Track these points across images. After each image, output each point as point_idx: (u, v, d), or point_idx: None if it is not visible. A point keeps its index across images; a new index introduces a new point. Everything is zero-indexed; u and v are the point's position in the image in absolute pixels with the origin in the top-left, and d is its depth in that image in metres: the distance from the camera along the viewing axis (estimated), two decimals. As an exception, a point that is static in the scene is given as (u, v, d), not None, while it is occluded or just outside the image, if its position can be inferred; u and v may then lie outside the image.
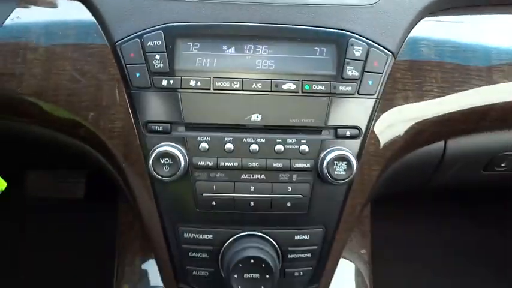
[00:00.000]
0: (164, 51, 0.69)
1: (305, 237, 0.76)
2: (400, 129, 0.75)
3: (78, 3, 0.73)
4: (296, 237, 0.76)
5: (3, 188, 0.84)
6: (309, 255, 0.77)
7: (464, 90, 0.76)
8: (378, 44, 0.72)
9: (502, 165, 0.93)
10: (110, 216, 1.12)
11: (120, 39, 0.69)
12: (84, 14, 0.72)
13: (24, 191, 1.57)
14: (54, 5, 0.75)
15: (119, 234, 1.00)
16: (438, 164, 0.88)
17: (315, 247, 0.77)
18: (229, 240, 0.74)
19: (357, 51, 0.70)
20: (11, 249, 1.59)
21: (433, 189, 1.09)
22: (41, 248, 1.57)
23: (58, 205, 1.63)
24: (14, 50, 0.71)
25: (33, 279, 1.53)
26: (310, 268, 0.79)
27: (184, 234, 0.75)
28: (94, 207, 1.57)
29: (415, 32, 0.76)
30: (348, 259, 0.99)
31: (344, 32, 0.71)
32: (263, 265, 0.69)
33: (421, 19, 0.77)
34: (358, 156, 0.73)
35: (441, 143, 0.85)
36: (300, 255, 0.77)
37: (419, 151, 0.84)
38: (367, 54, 0.71)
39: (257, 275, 0.70)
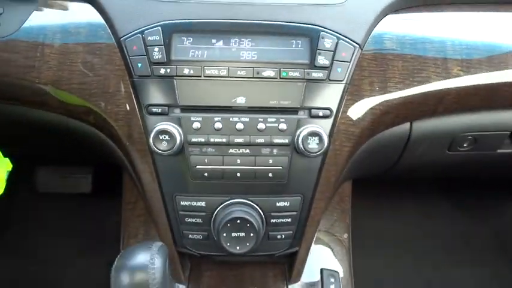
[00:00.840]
0: (162, 45, 0.79)
1: (285, 204, 0.86)
2: (367, 111, 0.84)
3: (88, 5, 0.84)
4: (278, 204, 0.85)
5: (10, 168, 0.88)
6: (289, 220, 0.87)
7: (422, 77, 0.85)
8: (346, 37, 0.82)
9: (464, 145, 1.03)
10: (115, 208, 1.22)
11: (125, 35, 0.80)
12: (93, 15, 0.83)
13: (34, 186, 1.67)
14: (66, 8, 0.86)
15: (124, 213, 1.10)
16: (405, 144, 0.98)
17: (295, 213, 0.87)
18: (220, 207, 0.84)
19: (327, 43, 0.81)
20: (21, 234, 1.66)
21: (406, 171, 1.19)
22: (52, 234, 1.64)
23: (66, 199, 1.71)
24: (33, 47, 0.81)
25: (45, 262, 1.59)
26: (291, 232, 0.89)
27: (181, 202, 0.85)
28: (100, 201, 1.67)
29: (380, 27, 0.86)
30: (329, 238, 1.09)
31: (316, 27, 0.81)
32: (248, 225, 0.79)
33: (385, 16, 0.87)
34: (331, 134, 0.83)
35: (407, 125, 0.95)
36: (282, 220, 0.87)
37: (388, 132, 0.93)
38: (336, 46, 0.81)
39: (243, 234, 0.80)
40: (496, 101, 0.92)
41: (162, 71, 0.79)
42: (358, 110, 0.85)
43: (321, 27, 0.82)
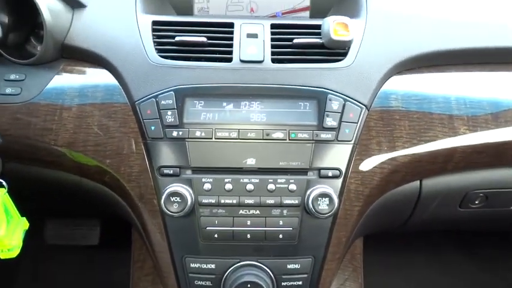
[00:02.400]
0: (175, 108, 0.82)
1: (296, 266, 0.85)
2: (376, 170, 0.86)
3: (105, 70, 0.89)
4: (288, 266, 0.85)
5: (27, 227, 0.90)
6: (300, 283, 0.86)
7: (429, 136, 0.87)
8: (353, 99, 0.85)
9: (476, 202, 1.02)
10: (122, 261, 1.21)
11: (139, 99, 0.84)
12: (109, 80, 0.87)
13: (42, 238, 1.67)
14: (85, 73, 0.91)
15: (132, 271, 1.09)
16: (416, 201, 0.98)
17: (306, 275, 0.86)
18: (230, 269, 0.83)
19: (335, 105, 0.84)
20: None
21: (417, 227, 1.18)
22: (61, 286, 1.63)
23: (74, 251, 1.71)
24: (53, 110, 0.86)
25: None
26: None
27: (191, 264, 0.84)
28: (108, 252, 1.66)
29: (385, 88, 0.89)
30: None
31: (323, 89, 0.84)
32: None
33: (390, 77, 0.90)
34: (341, 194, 0.84)
35: (417, 183, 0.95)
36: (292, 282, 0.85)
37: (398, 190, 0.94)
38: (344, 107, 0.84)
39: None
40: (504, 159, 0.93)
41: (175, 133, 0.82)
42: (367, 170, 0.86)
43: (328, 89, 0.85)
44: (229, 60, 0.86)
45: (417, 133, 0.87)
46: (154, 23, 0.91)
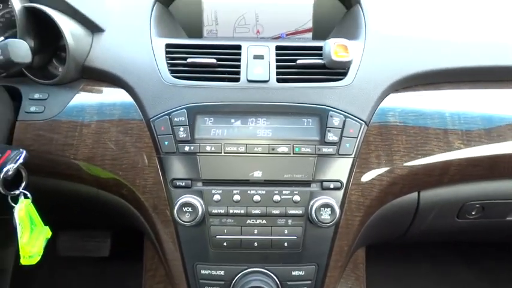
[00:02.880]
0: (187, 125, 0.88)
1: (301, 272, 0.89)
2: (375, 182, 0.90)
3: (122, 90, 0.95)
4: (293, 273, 0.89)
5: (49, 236, 0.95)
6: None
7: (425, 150, 0.92)
8: (353, 116, 0.90)
9: (473, 213, 1.06)
10: (133, 272, 1.26)
11: (154, 116, 0.89)
12: (126, 98, 0.94)
13: (55, 250, 1.72)
14: (103, 92, 0.97)
15: (145, 280, 1.14)
16: (415, 212, 1.03)
17: (310, 282, 0.90)
18: (238, 275, 0.88)
19: (336, 121, 0.89)
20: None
21: (417, 237, 1.21)
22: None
23: (86, 262, 1.76)
24: (73, 127, 0.92)
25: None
26: None
27: (201, 271, 0.89)
28: (119, 264, 1.70)
29: (383, 105, 0.94)
30: None
31: (325, 107, 0.90)
32: None
33: (388, 95, 0.95)
34: (342, 204, 0.89)
35: (415, 194, 1.00)
36: None
37: (397, 201, 0.98)
38: (344, 123, 0.89)
39: None
40: (498, 172, 0.97)
41: (187, 148, 0.87)
42: (366, 182, 0.91)
43: (330, 107, 0.90)
44: (237, 80, 0.92)
45: (414, 147, 0.92)
46: (168, 45, 0.98)
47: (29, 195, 0.89)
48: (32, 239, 0.89)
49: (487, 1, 1.25)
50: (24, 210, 0.88)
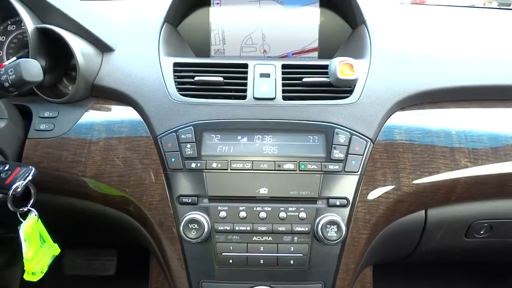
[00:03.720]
0: (194, 142, 0.89)
1: None
2: (381, 200, 0.90)
3: (130, 107, 0.97)
4: None
5: (57, 253, 0.95)
6: None
7: (432, 168, 0.92)
8: (358, 133, 0.90)
9: (481, 232, 1.05)
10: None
11: (161, 134, 0.91)
12: (134, 116, 0.95)
13: (61, 269, 1.71)
14: (112, 110, 0.99)
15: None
16: (422, 231, 1.02)
17: None
18: None
19: (342, 139, 0.90)
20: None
21: (425, 256, 1.20)
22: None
23: (92, 281, 1.75)
24: (82, 144, 0.93)
25: None
26: None
27: None
28: (124, 283, 1.69)
29: (389, 123, 0.94)
30: None
31: (331, 124, 0.91)
32: None
33: (393, 113, 0.96)
34: (348, 222, 0.88)
35: (422, 212, 0.99)
36: None
37: (404, 219, 0.97)
38: (350, 141, 0.89)
39: None
40: (506, 190, 0.96)
41: (193, 165, 0.88)
42: (373, 199, 0.90)
43: (335, 124, 0.91)
44: (244, 97, 0.94)
45: (420, 165, 0.92)
46: (176, 64, 1.00)
47: (35, 213, 0.89)
48: (38, 255, 0.89)
49: (493, 20, 1.26)
50: (31, 226, 0.89)
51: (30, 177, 0.84)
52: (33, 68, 0.76)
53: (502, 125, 0.98)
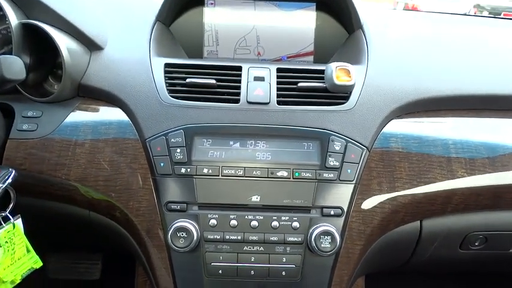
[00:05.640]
0: (184, 146, 0.85)
1: None
2: (376, 210, 0.88)
3: (118, 109, 0.93)
4: None
5: (37, 266, 0.91)
6: None
7: (428, 178, 0.90)
8: (354, 141, 0.88)
9: (476, 244, 1.03)
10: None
11: (150, 137, 0.87)
12: (122, 117, 0.91)
13: (44, 273, 1.66)
14: (99, 110, 0.95)
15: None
16: (417, 242, 1.00)
17: None
18: None
19: (337, 146, 0.87)
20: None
21: (419, 267, 1.18)
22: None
23: (76, 285, 1.70)
24: (67, 146, 0.89)
25: None
26: None
27: None
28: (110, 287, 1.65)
29: (385, 131, 0.92)
30: None
31: (326, 131, 0.88)
32: None
33: (390, 121, 0.94)
34: (343, 232, 0.86)
35: (417, 223, 0.97)
36: None
37: (399, 229, 0.95)
38: (346, 149, 0.87)
39: None
40: (502, 202, 0.95)
41: (183, 170, 0.85)
42: (368, 209, 0.88)
43: (331, 131, 0.88)
44: (237, 101, 0.91)
45: (417, 175, 0.90)
46: (167, 65, 0.96)
47: (12, 220, 0.85)
48: (14, 264, 0.84)
49: (489, 29, 1.25)
50: (6, 234, 0.84)
51: (9, 180, 0.81)
52: (14, 66, 0.73)
53: (500, 135, 0.96)
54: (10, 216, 0.85)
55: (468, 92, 0.99)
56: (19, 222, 0.88)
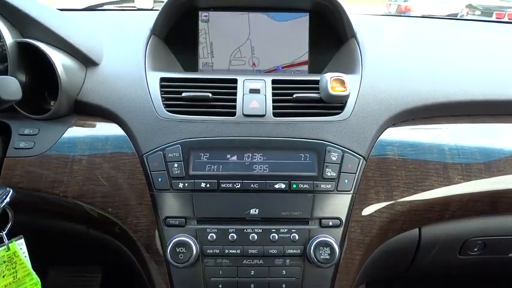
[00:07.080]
0: (181, 161, 0.86)
1: None
2: (375, 219, 0.88)
3: (115, 124, 0.93)
4: None
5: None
6: None
7: (425, 185, 0.90)
8: (351, 151, 0.88)
9: (475, 249, 1.03)
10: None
11: (147, 152, 0.87)
12: (119, 133, 0.91)
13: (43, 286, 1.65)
14: (96, 126, 0.94)
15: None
16: (416, 248, 1.00)
17: None
18: None
19: (334, 157, 0.87)
20: None
21: (419, 273, 1.18)
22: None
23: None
24: (64, 163, 0.89)
25: None
26: None
27: None
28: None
29: (381, 139, 0.92)
30: None
31: (323, 142, 0.88)
32: None
33: (385, 129, 0.94)
34: (342, 243, 0.86)
35: (416, 230, 0.97)
36: None
37: (398, 237, 0.95)
38: (342, 159, 0.87)
39: None
40: (499, 207, 0.95)
41: (181, 185, 0.85)
42: (366, 219, 0.88)
43: (327, 142, 0.89)
44: (233, 114, 0.91)
45: (414, 182, 0.90)
46: (162, 79, 0.96)
47: (6, 242, 0.84)
48: (12, 285, 0.84)
49: (484, 35, 1.26)
50: (3, 253, 0.84)
51: (7, 200, 0.80)
52: (11, 86, 0.73)
53: (495, 140, 0.97)
54: (6, 238, 0.84)
55: (463, 98, 1.00)
56: (21, 242, 0.87)
